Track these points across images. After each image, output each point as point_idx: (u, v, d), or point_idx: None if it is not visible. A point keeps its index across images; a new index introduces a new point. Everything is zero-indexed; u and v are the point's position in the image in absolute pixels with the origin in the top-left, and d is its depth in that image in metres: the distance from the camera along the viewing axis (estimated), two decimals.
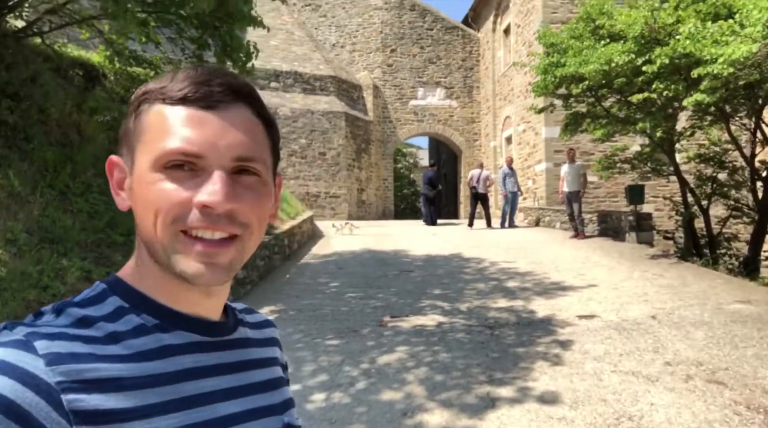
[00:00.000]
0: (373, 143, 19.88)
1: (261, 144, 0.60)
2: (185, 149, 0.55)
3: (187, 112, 0.56)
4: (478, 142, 21.37)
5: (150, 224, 0.56)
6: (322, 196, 17.74)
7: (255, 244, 0.60)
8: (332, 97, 18.51)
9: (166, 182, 0.55)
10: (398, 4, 20.85)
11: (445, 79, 21.15)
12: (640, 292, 5.88)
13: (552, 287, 6.34)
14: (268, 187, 0.60)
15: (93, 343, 0.53)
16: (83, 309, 0.56)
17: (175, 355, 0.57)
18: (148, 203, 0.56)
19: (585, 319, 4.99)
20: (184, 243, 0.55)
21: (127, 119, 0.59)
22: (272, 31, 19.82)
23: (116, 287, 0.59)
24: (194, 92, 0.56)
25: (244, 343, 0.66)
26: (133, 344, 0.55)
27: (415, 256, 9.01)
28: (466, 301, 5.84)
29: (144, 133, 0.57)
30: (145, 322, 0.57)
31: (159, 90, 0.57)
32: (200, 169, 0.55)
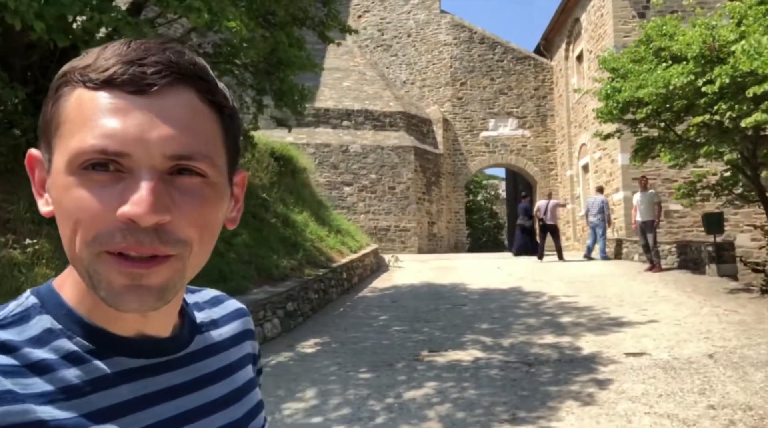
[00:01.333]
0: (443, 176, 19.93)
1: (208, 137, 0.49)
2: (103, 145, 0.45)
3: (110, 98, 0.46)
4: (553, 171, 20.80)
5: (69, 239, 0.46)
6: (392, 230, 17.93)
7: (201, 260, 0.50)
8: (401, 133, 18.87)
9: (84, 187, 0.45)
10: (468, 39, 21.07)
11: (517, 109, 20.93)
12: (704, 329, 5.42)
13: (608, 322, 5.99)
14: (217, 190, 0.50)
15: (13, 376, 0.45)
16: (3, 331, 0.48)
17: (111, 387, 0.49)
18: (65, 213, 0.46)
19: (632, 357, 4.67)
20: (106, 264, 0.45)
21: (45, 105, 0.49)
22: (345, 73, 20.74)
23: (48, 302, 0.51)
24: (122, 73, 0.46)
25: (201, 354, 0.58)
26: (62, 376, 0.47)
27: (472, 290, 8.85)
28: (510, 336, 5.66)
29: (61, 124, 0.47)
30: (77, 348, 0.49)
31: (80, 70, 0.47)
32: (126, 170, 0.45)
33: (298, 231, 9.12)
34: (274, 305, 6.22)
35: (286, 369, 4.96)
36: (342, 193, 17.55)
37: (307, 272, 7.78)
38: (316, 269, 8.18)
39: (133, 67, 0.46)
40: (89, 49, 0.52)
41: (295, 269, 7.70)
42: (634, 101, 7.92)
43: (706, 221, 9.16)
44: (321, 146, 17.71)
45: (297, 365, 5.12)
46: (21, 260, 4.48)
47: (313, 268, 8.19)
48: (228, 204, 0.53)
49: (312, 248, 8.89)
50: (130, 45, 0.48)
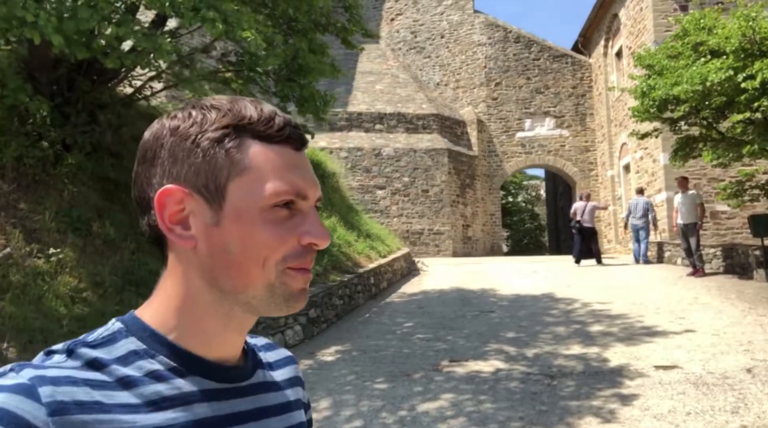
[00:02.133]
0: (478, 178, 19.63)
1: None
2: (297, 190, 0.57)
3: (286, 152, 0.58)
4: (593, 171, 20.20)
5: (256, 264, 0.55)
6: (426, 233, 17.77)
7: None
8: (435, 135, 18.69)
9: (274, 222, 0.56)
10: (503, 38, 20.72)
11: (554, 108, 20.43)
12: (744, 340, 5.08)
13: (640, 332, 5.70)
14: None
15: (102, 389, 0.51)
16: (95, 350, 0.54)
17: (188, 404, 0.54)
18: (256, 243, 0.55)
19: (662, 370, 4.40)
20: (291, 276, 0.56)
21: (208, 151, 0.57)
22: (378, 76, 20.74)
23: (133, 327, 0.57)
24: (290, 134, 0.58)
25: (263, 388, 0.63)
26: (144, 391, 0.53)
27: (503, 296, 8.63)
28: (536, 346, 5.45)
29: (244, 171, 0.56)
30: (159, 367, 0.55)
31: (248, 124, 0.57)
32: (298, 208, 0.57)
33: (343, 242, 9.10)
34: (297, 313, 6.19)
35: (304, 377, 4.91)
36: (375, 197, 17.51)
37: (331, 278, 7.74)
38: (341, 275, 8.14)
39: (288, 129, 0.58)
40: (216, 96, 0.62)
41: (320, 275, 7.67)
42: (671, 99, 7.56)
43: (753, 222, 8.65)
44: (353, 149, 17.73)
45: (315, 373, 5.08)
46: (45, 268, 4.60)
47: (338, 273, 8.16)
48: None
49: (339, 254, 8.86)
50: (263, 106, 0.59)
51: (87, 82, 5.79)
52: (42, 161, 5.38)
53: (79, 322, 4.33)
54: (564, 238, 24.28)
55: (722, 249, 9.91)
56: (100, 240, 5.36)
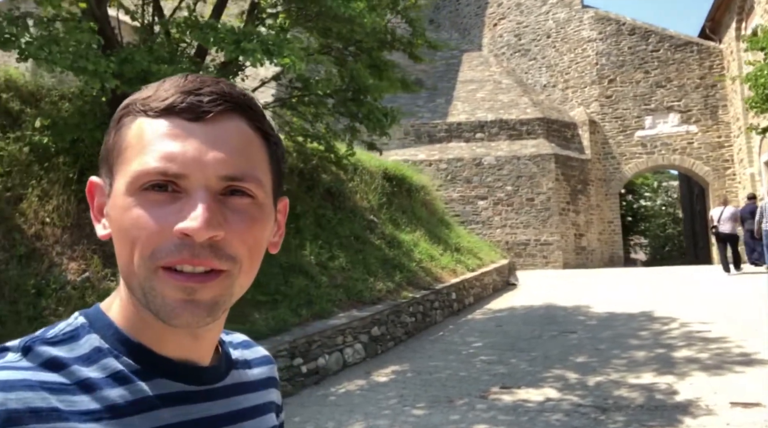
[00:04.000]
0: (592, 183, 18.34)
1: (257, 161, 0.53)
2: (164, 167, 0.48)
3: (169, 125, 0.50)
4: (729, 170, 17.94)
5: (126, 256, 0.50)
6: (532, 244, 16.96)
7: (248, 279, 0.53)
8: (540, 140, 17.85)
9: (143, 207, 0.49)
10: (615, 31, 19.29)
11: (678, 102, 18.52)
12: None
13: (734, 359, 4.90)
14: (264, 211, 0.53)
15: (60, 393, 0.47)
16: (54, 348, 0.50)
17: (153, 409, 0.50)
18: (124, 231, 0.49)
19: (740, 407, 3.73)
20: (161, 279, 0.48)
21: (107, 134, 0.54)
22: (480, 84, 20.38)
23: (96, 322, 0.53)
24: (180, 102, 0.50)
25: (236, 389, 0.59)
26: (107, 395, 0.49)
27: (594, 313, 7.93)
28: (602, 373, 4.92)
29: (123, 150, 0.51)
30: (123, 368, 0.51)
31: (141, 101, 0.52)
32: (183, 190, 0.49)
33: (404, 252, 9.06)
34: (355, 331, 6.22)
35: (349, 399, 4.90)
36: (476, 207, 17.11)
37: (403, 295, 7.67)
38: (416, 291, 8.03)
39: (190, 97, 0.50)
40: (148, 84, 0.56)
41: (392, 291, 7.64)
42: None
43: None
44: (453, 160, 17.52)
45: (361, 395, 5.04)
46: None
47: (414, 290, 8.06)
48: (272, 227, 0.56)
49: (418, 269, 8.76)
50: (187, 78, 0.52)
51: None
52: None
53: None
54: (702, 245, 21.79)
55: None
56: None
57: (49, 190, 5.35)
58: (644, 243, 38.24)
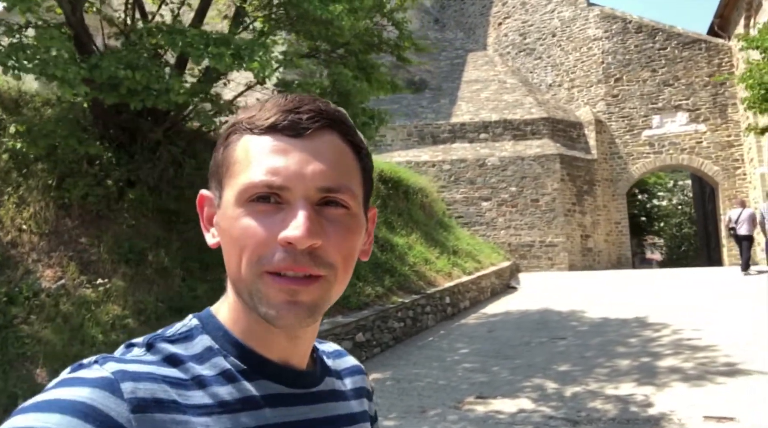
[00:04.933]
0: (598, 184, 18.08)
1: (350, 174, 0.56)
2: (269, 181, 0.52)
3: (273, 141, 0.53)
4: (739, 169, 17.58)
5: (235, 262, 0.53)
6: (537, 245, 16.76)
7: (342, 286, 0.56)
8: (545, 140, 17.64)
9: (251, 217, 0.52)
10: (621, 29, 19.02)
11: (687, 101, 18.19)
12: None
13: (718, 370, 4.75)
14: (358, 221, 0.56)
15: (178, 387, 0.51)
16: (173, 346, 0.54)
17: (259, 408, 0.54)
18: (233, 240, 0.53)
19: (713, 422, 3.60)
20: (267, 283, 0.52)
21: (216, 151, 0.58)
22: (484, 84, 20.21)
23: (207, 324, 0.57)
24: (282, 120, 0.54)
25: (331, 396, 0.61)
26: (217, 392, 0.52)
27: (587, 319, 7.78)
28: (582, 383, 4.80)
29: (231, 165, 0.55)
30: (231, 367, 0.54)
31: (247, 120, 0.55)
32: (285, 201, 0.52)
33: (397, 255, 8.98)
34: (338, 337, 6.16)
35: None
36: (480, 209, 16.95)
37: (393, 299, 7.59)
38: (407, 296, 7.95)
39: (291, 115, 0.54)
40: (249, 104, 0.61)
41: (381, 296, 7.56)
42: None
43: None
44: (457, 161, 17.39)
45: None
46: (92, 298, 5.10)
47: (404, 294, 7.98)
48: (363, 236, 0.58)
49: (410, 273, 8.67)
50: (287, 98, 0.56)
51: (147, 123, 6.36)
52: (106, 198, 6.01)
53: (112, 348, 4.71)
54: (714, 246, 21.39)
55: None
56: (152, 269, 5.81)
57: (27, 197, 5.37)
58: (660, 243, 37.74)
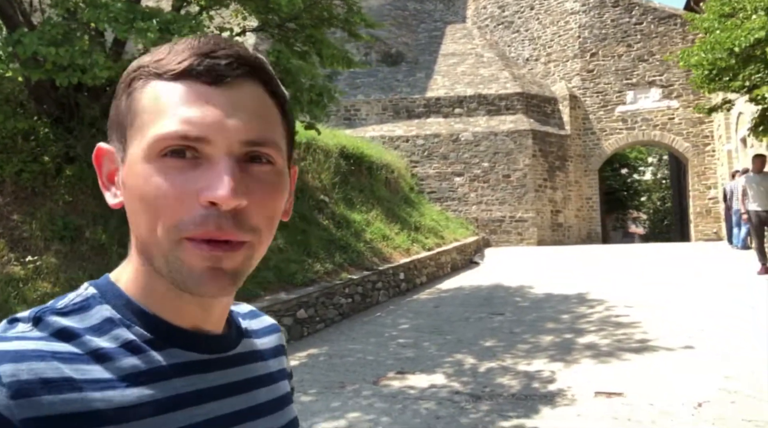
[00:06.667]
0: (571, 160, 18.17)
1: (275, 127, 0.52)
2: (185, 131, 0.47)
3: (187, 88, 0.48)
4: (709, 146, 17.73)
5: (146, 226, 0.49)
6: (507, 220, 16.91)
7: (264, 249, 0.52)
8: (519, 116, 17.63)
9: (164, 174, 0.47)
10: (598, 3, 18.84)
11: (661, 77, 18.18)
12: (737, 363, 4.14)
13: (630, 346, 4.91)
14: (283, 179, 0.53)
15: (72, 362, 0.46)
16: (65, 318, 0.49)
17: (168, 378, 0.50)
18: (144, 201, 0.48)
19: (603, 397, 3.76)
20: (186, 250, 0.48)
21: (118, 99, 0.52)
22: (461, 57, 20.05)
23: (107, 293, 0.53)
24: (197, 65, 0.49)
25: (249, 357, 0.59)
26: (120, 365, 0.48)
27: (532, 295, 7.95)
28: (500, 359, 4.95)
29: (137, 116, 0.50)
30: (136, 338, 0.50)
31: (155, 64, 0.50)
32: (204, 156, 0.48)
33: (353, 232, 9.06)
34: (277, 314, 6.26)
35: None
36: (452, 184, 17.01)
37: (342, 276, 7.70)
38: (358, 272, 8.06)
39: (207, 59, 0.49)
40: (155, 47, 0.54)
41: (330, 273, 7.66)
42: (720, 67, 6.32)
43: None
44: (430, 136, 17.36)
45: None
46: (21, 275, 5.14)
47: (355, 270, 8.09)
48: (286, 195, 0.55)
49: (365, 250, 8.77)
50: (200, 40, 0.51)
51: (84, 98, 6.32)
52: (42, 175, 6.00)
53: None
54: (686, 221, 21.68)
55: None
56: (87, 246, 5.85)
57: None
58: (644, 218, 38.16)
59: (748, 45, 5.06)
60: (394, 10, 22.10)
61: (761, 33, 4.91)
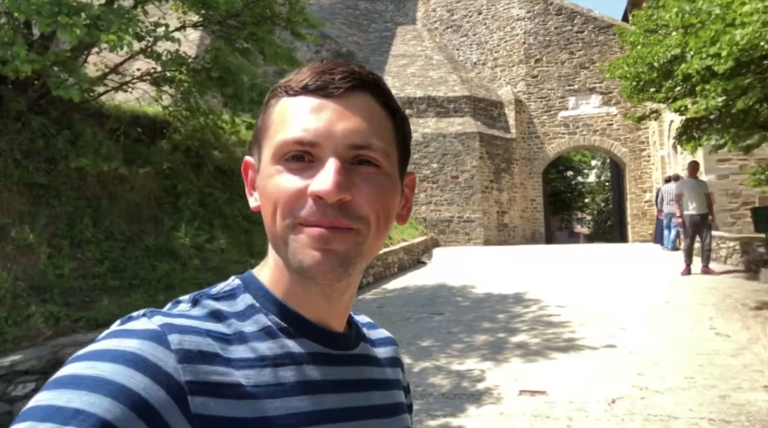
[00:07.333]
0: (516, 162, 18.67)
1: (383, 134, 0.57)
2: (301, 137, 0.54)
3: (306, 101, 0.56)
4: (645, 151, 18.59)
5: (270, 217, 0.56)
6: (455, 221, 17.22)
7: (377, 243, 0.57)
8: (467, 118, 17.97)
9: (284, 174, 0.55)
10: (543, 11, 19.43)
11: (600, 84, 18.91)
12: (653, 362, 4.40)
13: (557, 345, 5.13)
14: (391, 180, 0.58)
15: (222, 341, 0.53)
16: (217, 303, 0.56)
17: (298, 365, 0.55)
18: (268, 196, 0.56)
19: (527, 396, 3.92)
20: (299, 231, 0.54)
21: (258, 118, 0.61)
22: (411, 59, 20.23)
23: (249, 284, 0.60)
24: (315, 81, 0.56)
25: (366, 360, 0.64)
26: (258, 347, 0.54)
27: (473, 295, 8.15)
28: (434, 359, 5.07)
29: (268, 128, 0.58)
30: (272, 324, 0.56)
31: (284, 84, 0.58)
32: (317, 159, 0.54)
33: None
34: None
35: None
36: None
37: None
38: None
39: (324, 76, 0.56)
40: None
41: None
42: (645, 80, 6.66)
43: (755, 217, 7.51)
44: None
45: None
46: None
47: None
48: (400, 200, 0.60)
49: None
50: (322, 62, 0.58)
51: (8, 91, 6.03)
52: None
53: None
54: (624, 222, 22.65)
55: (740, 243, 8.72)
56: (13, 246, 5.60)
57: None
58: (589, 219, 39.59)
59: (666, 61, 5.37)
60: (345, 9, 22.10)
61: (677, 50, 5.22)
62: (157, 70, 6.77)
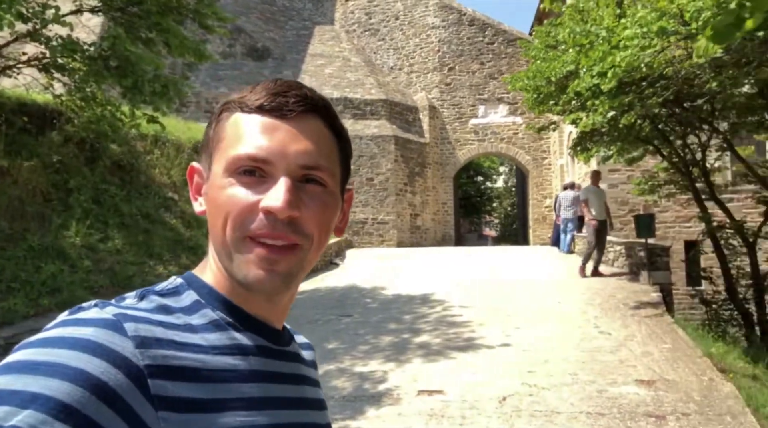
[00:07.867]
0: (429, 166, 19.17)
1: (330, 155, 0.61)
2: (255, 154, 0.57)
3: (260, 120, 0.59)
4: (546, 160, 19.73)
5: (219, 227, 0.58)
6: (370, 222, 17.38)
7: (316, 256, 0.61)
8: (383, 121, 18.20)
9: (237, 186, 0.57)
10: (457, 21, 20.10)
11: (508, 94, 19.82)
12: (542, 359, 4.71)
13: (458, 345, 5.34)
14: (334, 198, 0.62)
15: (174, 330, 0.54)
16: (163, 298, 0.58)
17: (247, 355, 0.58)
18: (219, 207, 0.58)
19: (425, 395, 4.05)
20: (247, 247, 0.57)
21: (208, 127, 0.63)
22: (329, 59, 20.17)
23: (192, 283, 0.61)
24: (270, 102, 0.59)
25: (298, 358, 0.67)
26: (209, 337, 0.56)
27: (383, 296, 8.27)
28: (339, 361, 5.10)
29: (221, 140, 0.60)
30: (219, 318, 0.59)
31: (238, 100, 0.61)
32: (269, 175, 0.57)
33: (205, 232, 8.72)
34: None
35: None
36: None
37: None
38: None
39: (279, 98, 0.60)
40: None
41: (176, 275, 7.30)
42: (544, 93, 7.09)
43: (637, 223, 8.24)
44: None
45: None
46: None
47: None
48: (339, 214, 0.65)
49: None
50: (276, 82, 0.62)
51: None
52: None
53: None
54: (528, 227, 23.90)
55: (625, 247, 9.51)
56: None
57: None
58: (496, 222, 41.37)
59: (562, 76, 5.76)
60: (262, 4, 21.63)
61: (572, 66, 5.63)
62: (46, 55, 6.27)
